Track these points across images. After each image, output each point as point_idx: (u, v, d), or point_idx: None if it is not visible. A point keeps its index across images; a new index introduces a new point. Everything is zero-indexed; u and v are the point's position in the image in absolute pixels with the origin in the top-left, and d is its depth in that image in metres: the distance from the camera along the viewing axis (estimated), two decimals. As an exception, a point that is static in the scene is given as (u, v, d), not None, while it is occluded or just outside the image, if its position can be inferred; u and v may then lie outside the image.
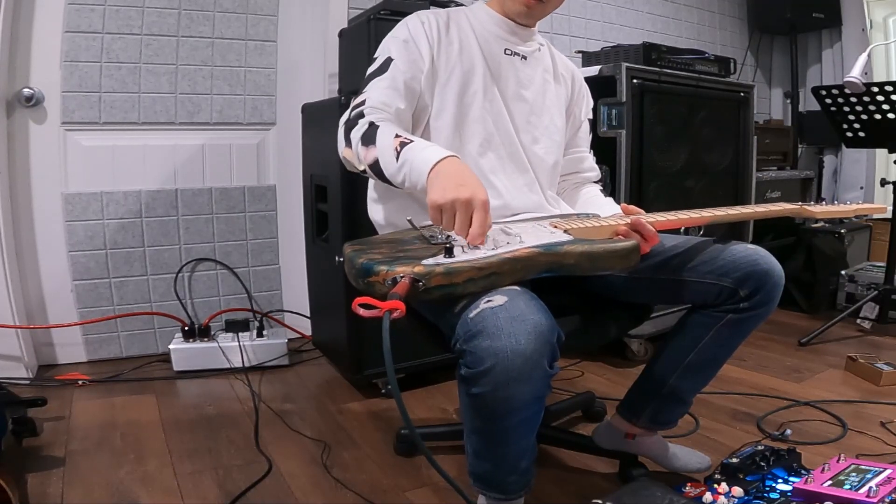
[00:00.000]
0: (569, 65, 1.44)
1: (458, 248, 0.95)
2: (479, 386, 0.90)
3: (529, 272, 0.96)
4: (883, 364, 1.99)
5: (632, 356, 2.25)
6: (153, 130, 2.28)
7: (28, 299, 2.15)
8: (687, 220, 1.14)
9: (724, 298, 1.16)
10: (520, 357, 0.87)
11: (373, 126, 1.12)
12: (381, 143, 1.09)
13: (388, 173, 1.08)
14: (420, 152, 1.04)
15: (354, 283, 0.95)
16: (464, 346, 0.92)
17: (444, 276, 0.89)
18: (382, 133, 1.10)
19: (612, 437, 1.43)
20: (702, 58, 2.45)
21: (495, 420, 0.95)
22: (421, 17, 1.26)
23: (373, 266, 0.91)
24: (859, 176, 3.73)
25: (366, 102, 1.17)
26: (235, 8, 2.36)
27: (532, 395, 0.91)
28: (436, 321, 1.15)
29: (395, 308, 0.81)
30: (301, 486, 1.42)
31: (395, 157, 1.06)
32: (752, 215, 1.16)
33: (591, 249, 0.96)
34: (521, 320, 0.88)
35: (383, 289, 0.88)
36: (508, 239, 1.01)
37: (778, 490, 1.23)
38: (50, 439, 1.65)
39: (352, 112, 1.18)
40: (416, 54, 1.22)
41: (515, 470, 1.04)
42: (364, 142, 1.12)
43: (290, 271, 2.54)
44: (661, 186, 2.23)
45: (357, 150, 1.13)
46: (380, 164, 1.09)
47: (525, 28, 1.32)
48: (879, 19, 3.62)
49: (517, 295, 0.93)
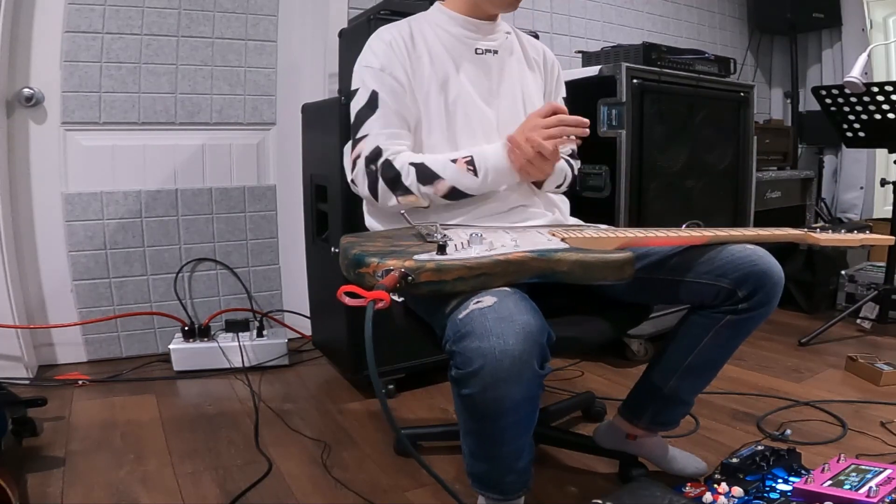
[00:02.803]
0: (537, 46, 1.43)
1: (452, 247, 0.95)
2: (469, 387, 0.90)
3: (521, 276, 0.96)
4: (883, 364, 1.99)
5: (632, 356, 2.25)
6: (153, 130, 2.29)
7: (28, 299, 2.15)
8: (687, 238, 1.13)
9: (722, 299, 1.16)
10: (508, 358, 0.87)
11: (418, 166, 1.19)
12: (447, 174, 1.19)
13: (471, 189, 1.20)
14: (487, 154, 1.20)
15: (346, 273, 0.96)
16: (453, 346, 0.92)
17: (433, 273, 0.89)
18: (435, 166, 1.19)
19: (614, 438, 1.43)
20: (702, 58, 2.45)
21: (487, 421, 0.95)
22: (384, 38, 1.26)
23: (364, 257, 0.91)
24: (859, 176, 3.73)
25: (382, 151, 1.20)
26: (235, 8, 2.36)
27: (522, 396, 0.91)
28: (430, 321, 1.16)
29: (380, 299, 0.81)
30: (301, 486, 1.42)
31: (471, 174, 1.19)
32: (756, 238, 1.15)
33: (585, 258, 0.95)
34: (510, 321, 0.88)
35: (373, 280, 0.89)
36: (504, 241, 1.02)
37: (778, 490, 1.24)
38: (50, 439, 1.65)
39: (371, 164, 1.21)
40: (394, 84, 1.23)
41: (512, 470, 1.04)
42: (424, 182, 1.18)
43: (290, 271, 2.54)
44: (661, 186, 2.22)
45: (421, 192, 1.19)
46: (458, 188, 1.19)
47: (489, 21, 1.32)
48: (879, 19, 3.62)
49: (507, 296, 0.93)
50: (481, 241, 0.98)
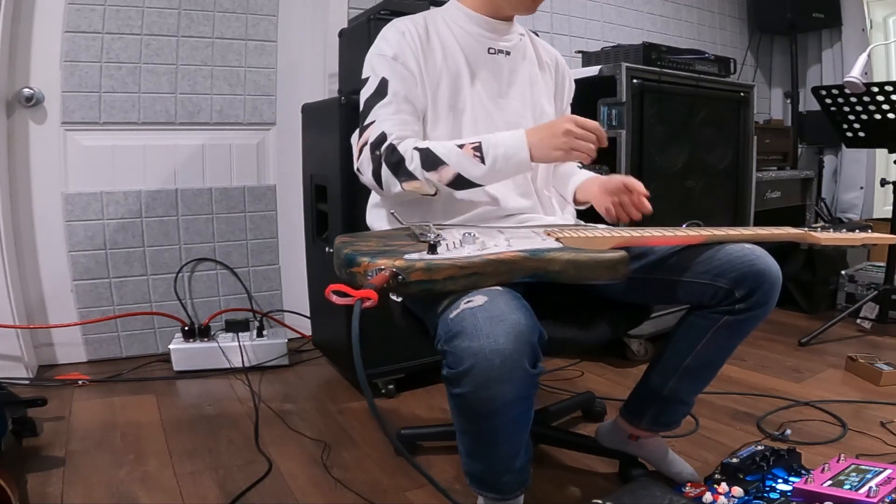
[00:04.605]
0: (551, 50, 1.43)
1: (444, 247, 0.95)
2: (461, 386, 0.90)
3: (513, 275, 0.96)
4: (883, 364, 1.99)
5: (632, 356, 2.25)
6: (153, 130, 2.29)
7: (28, 299, 2.15)
8: (685, 237, 1.13)
9: (719, 299, 1.15)
10: (499, 357, 0.87)
11: (423, 151, 1.14)
12: (452, 159, 1.13)
13: (475, 176, 1.14)
14: (500, 140, 1.14)
15: (339, 272, 0.97)
16: (444, 346, 0.92)
17: (423, 272, 0.89)
18: (440, 151, 1.14)
19: (616, 438, 1.43)
20: (702, 58, 2.45)
21: (480, 420, 0.95)
22: (399, 27, 1.24)
23: (356, 257, 0.92)
24: (859, 176, 3.73)
25: (387, 136, 1.17)
26: (235, 8, 2.36)
27: (514, 396, 0.91)
28: (425, 321, 1.16)
29: (367, 297, 0.82)
30: (301, 486, 1.42)
31: (478, 160, 1.13)
32: (755, 237, 1.15)
33: (577, 258, 0.95)
34: (500, 320, 0.88)
35: (363, 280, 0.89)
36: (497, 241, 1.02)
37: (778, 490, 1.23)
38: (50, 439, 1.65)
39: (376, 150, 1.17)
40: (405, 72, 1.21)
41: (509, 470, 1.04)
42: (428, 167, 1.14)
43: (290, 271, 2.54)
44: (661, 186, 2.22)
45: (425, 177, 1.14)
46: (462, 175, 1.14)
47: (505, 22, 1.31)
48: (879, 19, 3.62)
49: (498, 295, 0.93)
50: (474, 241, 0.98)
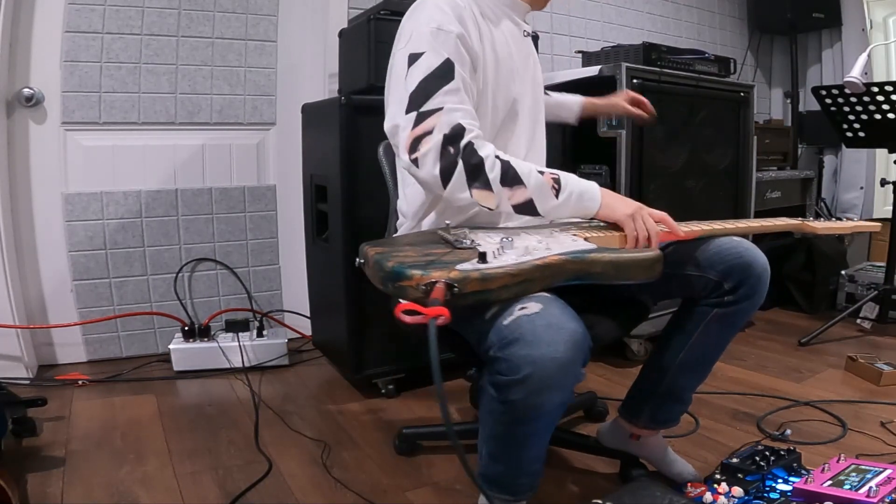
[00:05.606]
0: None
1: (490, 254, 0.93)
2: (514, 393, 0.90)
3: (557, 279, 0.96)
4: (883, 364, 1.99)
5: (632, 356, 2.25)
6: (153, 130, 2.28)
7: (28, 299, 2.15)
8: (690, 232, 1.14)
9: (709, 291, 1.17)
10: (557, 365, 0.87)
11: (504, 163, 1.05)
12: (531, 184, 1.06)
13: (544, 207, 1.08)
14: (579, 183, 1.10)
15: (381, 286, 0.93)
16: (498, 353, 0.91)
17: (479, 282, 0.88)
18: (521, 170, 1.05)
19: (617, 438, 1.43)
20: (702, 58, 2.44)
21: (518, 425, 0.96)
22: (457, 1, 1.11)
23: (405, 270, 0.89)
24: (859, 176, 3.73)
25: (465, 131, 1.03)
26: (235, 8, 2.36)
27: (560, 401, 0.92)
28: (457, 328, 1.07)
29: (440, 314, 0.80)
30: (301, 486, 1.42)
31: (553, 193, 1.07)
32: (754, 229, 1.16)
33: (619, 259, 0.97)
34: (559, 328, 0.88)
35: (416, 293, 0.86)
36: (531, 244, 1.01)
37: (778, 490, 1.24)
38: (50, 439, 1.65)
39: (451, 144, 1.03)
40: (466, 55, 1.09)
41: (528, 472, 1.05)
42: (506, 183, 1.05)
43: (290, 271, 2.54)
44: (661, 186, 2.22)
45: (500, 192, 1.05)
46: (534, 202, 1.07)
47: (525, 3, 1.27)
48: (879, 19, 3.62)
49: (550, 302, 0.93)
50: (513, 246, 0.98)
